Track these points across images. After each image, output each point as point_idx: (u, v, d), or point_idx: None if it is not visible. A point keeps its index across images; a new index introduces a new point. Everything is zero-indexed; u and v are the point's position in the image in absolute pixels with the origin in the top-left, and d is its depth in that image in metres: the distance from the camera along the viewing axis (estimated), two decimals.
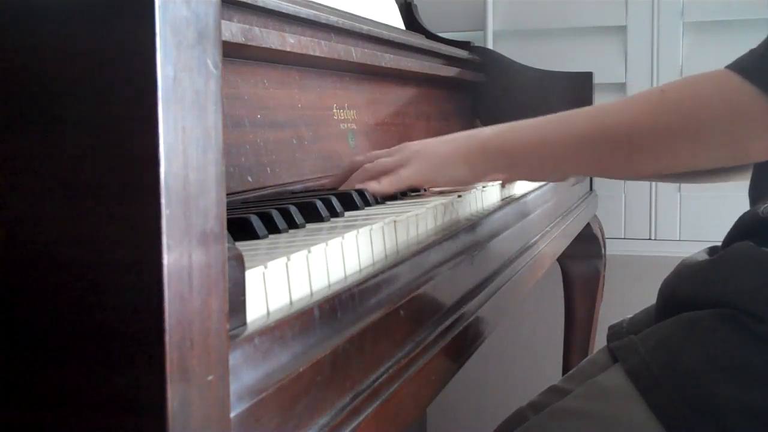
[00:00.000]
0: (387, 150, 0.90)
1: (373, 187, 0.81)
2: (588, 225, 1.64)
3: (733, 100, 0.72)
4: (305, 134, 0.95)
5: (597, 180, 1.71)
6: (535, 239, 1.05)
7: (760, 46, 0.73)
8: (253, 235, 0.57)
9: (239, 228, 0.57)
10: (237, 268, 0.39)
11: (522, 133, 0.83)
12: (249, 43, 0.80)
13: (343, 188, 0.85)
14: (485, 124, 1.51)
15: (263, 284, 0.43)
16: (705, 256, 0.81)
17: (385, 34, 1.19)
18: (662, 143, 0.75)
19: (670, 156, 0.76)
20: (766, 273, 0.71)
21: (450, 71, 1.47)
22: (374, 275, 0.54)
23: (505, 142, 0.84)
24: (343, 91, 1.07)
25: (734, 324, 0.69)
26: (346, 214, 0.72)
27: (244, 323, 0.40)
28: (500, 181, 0.99)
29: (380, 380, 0.51)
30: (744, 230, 0.77)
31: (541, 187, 1.15)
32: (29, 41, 0.32)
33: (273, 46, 0.85)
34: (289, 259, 0.46)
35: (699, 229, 1.75)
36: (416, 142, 0.89)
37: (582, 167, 0.88)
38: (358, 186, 0.83)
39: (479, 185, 0.91)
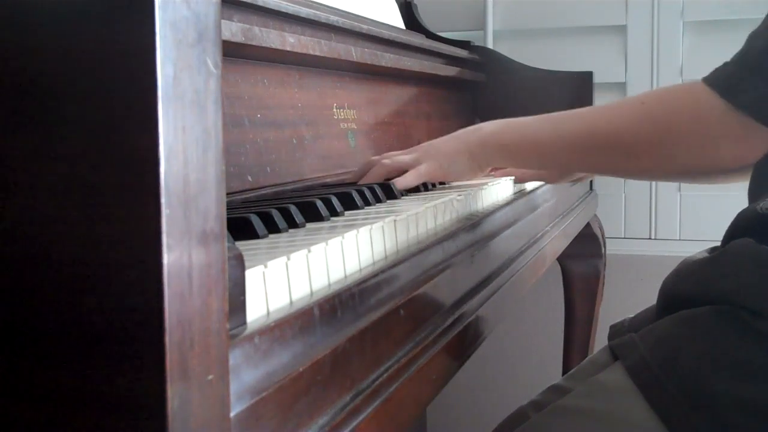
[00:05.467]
0: (401, 151, 1.00)
1: (400, 181, 0.91)
2: (588, 224, 1.64)
3: (703, 113, 0.78)
4: (305, 134, 0.95)
5: (597, 180, 1.71)
6: (535, 239, 1.05)
7: (731, 60, 0.78)
8: (253, 235, 0.57)
9: (239, 228, 0.57)
10: (237, 267, 0.39)
11: (518, 131, 0.92)
12: (249, 43, 0.80)
13: (363, 182, 0.93)
14: None
15: (263, 284, 0.43)
16: (706, 255, 0.81)
17: (385, 34, 1.19)
18: (639, 150, 0.84)
19: (647, 161, 0.85)
20: (765, 270, 0.71)
21: (450, 71, 1.47)
22: (374, 274, 0.54)
23: (502, 139, 0.93)
24: (343, 91, 1.07)
25: (734, 321, 0.69)
26: (346, 213, 0.72)
27: (244, 323, 0.40)
28: (502, 181, 1.00)
29: (380, 380, 0.51)
30: (743, 227, 0.77)
31: (540, 186, 1.15)
32: (29, 41, 0.32)
33: (273, 46, 0.85)
34: (289, 259, 0.46)
35: (699, 229, 1.74)
36: (426, 143, 0.99)
37: (569, 166, 1.00)
38: (379, 180, 0.93)
39: (487, 183, 0.95)
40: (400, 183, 0.91)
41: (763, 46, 0.76)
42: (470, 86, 1.63)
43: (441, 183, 1.02)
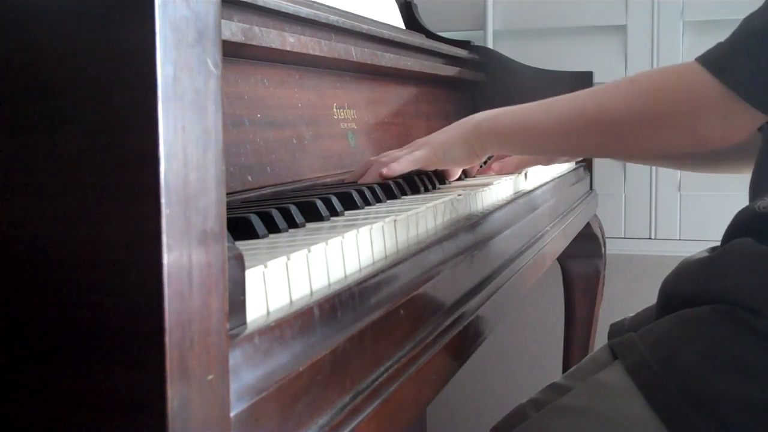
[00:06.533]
0: (399, 149, 0.99)
1: (392, 167, 0.90)
2: (588, 224, 1.64)
3: (693, 90, 0.79)
4: (305, 134, 0.95)
5: (597, 180, 1.71)
6: (534, 239, 1.05)
7: (726, 40, 0.78)
8: (253, 235, 0.57)
9: (239, 227, 0.57)
10: (237, 267, 0.39)
11: (511, 117, 0.94)
12: (249, 43, 0.80)
13: (362, 182, 0.92)
14: None
15: (263, 284, 0.43)
16: (706, 255, 0.82)
17: (385, 34, 1.19)
18: (629, 129, 0.84)
19: (637, 140, 0.85)
20: (765, 269, 0.71)
21: (450, 70, 1.47)
22: (374, 274, 0.54)
23: (495, 125, 0.94)
24: (343, 91, 1.07)
25: (733, 320, 0.69)
26: (346, 213, 0.72)
27: (244, 323, 0.40)
28: (503, 179, 1.00)
29: (380, 380, 0.51)
30: (742, 226, 0.77)
31: (540, 186, 1.15)
32: (29, 41, 0.32)
33: (273, 46, 0.85)
34: (289, 259, 0.46)
35: (699, 229, 1.74)
36: (423, 137, 0.99)
37: (563, 148, 1.00)
38: (374, 176, 0.91)
39: (487, 183, 0.95)
40: (393, 168, 0.90)
41: (757, 27, 0.76)
42: (470, 86, 1.63)
43: (441, 183, 1.02)
